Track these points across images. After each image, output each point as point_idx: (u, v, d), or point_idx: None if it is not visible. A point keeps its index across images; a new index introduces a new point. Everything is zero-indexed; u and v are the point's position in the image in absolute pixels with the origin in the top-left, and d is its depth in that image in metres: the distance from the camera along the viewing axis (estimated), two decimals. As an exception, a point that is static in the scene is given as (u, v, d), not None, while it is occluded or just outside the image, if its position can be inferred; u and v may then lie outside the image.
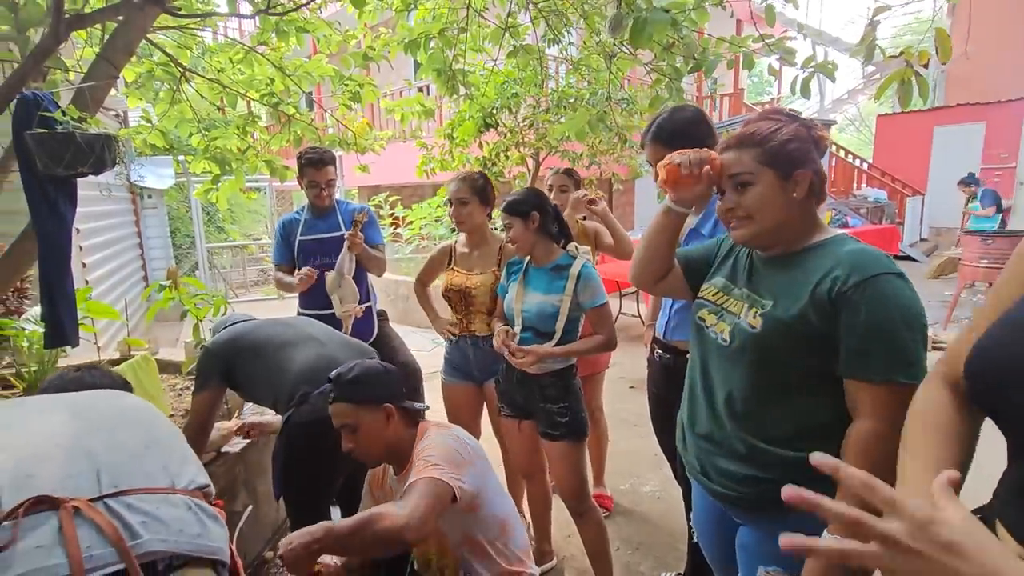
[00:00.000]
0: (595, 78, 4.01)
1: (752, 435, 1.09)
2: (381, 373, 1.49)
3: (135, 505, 0.88)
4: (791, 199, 1.06)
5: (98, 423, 0.99)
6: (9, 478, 0.84)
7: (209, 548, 0.93)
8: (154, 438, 1.02)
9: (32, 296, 2.80)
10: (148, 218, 6.34)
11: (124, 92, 3.10)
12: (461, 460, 1.37)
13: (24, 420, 0.97)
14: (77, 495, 0.85)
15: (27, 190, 1.68)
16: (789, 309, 1.03)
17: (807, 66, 2.16)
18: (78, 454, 0.91)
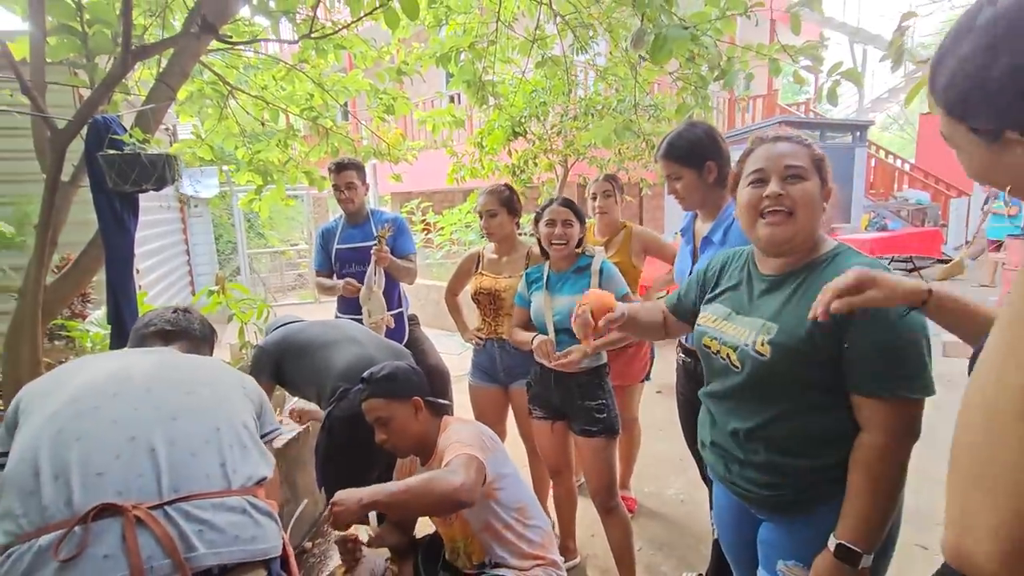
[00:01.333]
0: (622, 86, 4.07)
1: (769, 450, 1.12)
2: (409, 372, 1.63)
3: (192, 513, 0.94)
4: (822, 209, 1.09)
5: (167, 408, 1.04)
6: (81, 476, 0.92)
7: (261, 551, 0.99)
8: (215, 428, 1.06)
9: (95, 300, 3.04)
10: (194, 226, 6.67)
11: (176, 109, 3.31)
12: (484, 446, 1.49)
13: (103, 400, 1.03)
14: (140, 498, 0.92)
15: (96, 204, 1.85)
16: (796, 334, 1.05)
17: (833, 73, 2.17)
18: (142, 450, 0.97)
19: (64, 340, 2.68)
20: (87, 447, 0.96)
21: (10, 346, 1.96)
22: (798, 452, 1.09)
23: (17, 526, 0.88)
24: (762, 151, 1.13)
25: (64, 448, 0.95)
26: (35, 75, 1.87)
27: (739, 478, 1.18)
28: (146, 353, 1.23)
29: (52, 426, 0.98)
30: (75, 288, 2.25)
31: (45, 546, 0.85)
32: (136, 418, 1.01)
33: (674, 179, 1.69)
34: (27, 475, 0.93)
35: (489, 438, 1.56)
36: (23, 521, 0.89)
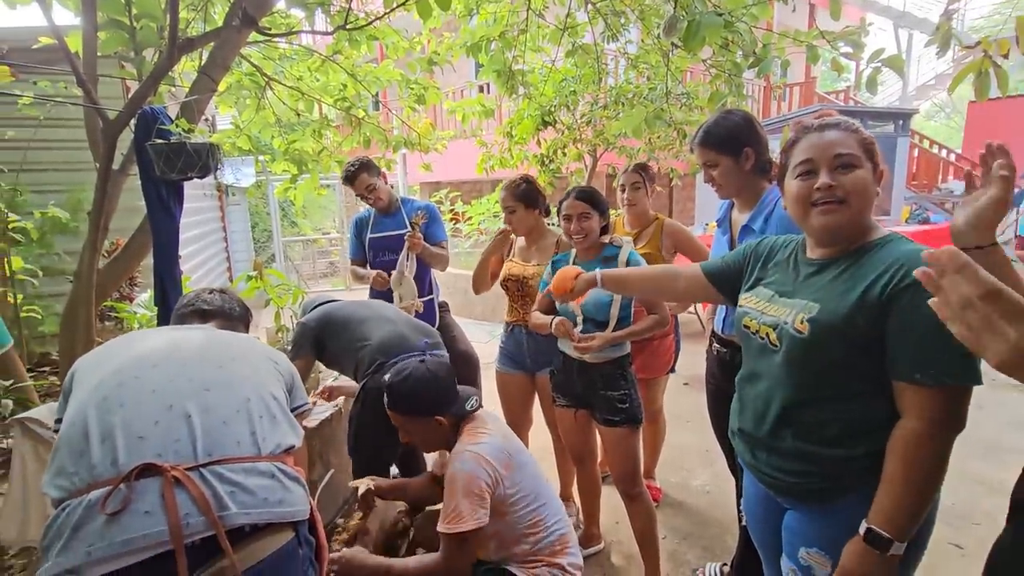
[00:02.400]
0: (654, 74, 4.01)
1: (798, 436, 1.11)
2: (430, 383, 1.54)
3: (225, 475, 1.01)
4: (874, 195, 1.06)
5: (200, 380, 1.12)
6: (124, 439, 1.00)
7: (289, 513, 1.05)
8: (246, 399, 1.13)
9: (142, 284, 3.19)
10: (232, 214, 6.89)
11: (216, 100, 3.42)
12: (483, 488, 1.42)
13: (144, 371, 1.11)
14: (178, 461, 0.99)
15: (144, 192, 1.95)
16: (837, 312, 1.03)
17: (874, 60, 2.10)
18: (178, 417, 1.04)
19: (113, 321, 2.83)
20: (129, 413, 1.03)
21: (66, 325, 2.08)
22: (828, 440, 1.07)
23: (70, 482, 0.97)
24: (809, 140, 1.10)
25: (109, 413, 1.03)
26: (88, 68, 1.97)
27: (765, 465, 1.18)
28: (185, 330, 1.31)
29: (99, 393, 1.06)
30: (124, 272, 2.37)
31: (94, 501, 0.93)
32: (173, 388, 1.08)
33: (711, 167, 1.67)
34: (78, 437, 1.01)
35: (491, 470, 1.45)
36: (75, 478, 0.97)
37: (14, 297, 2.69)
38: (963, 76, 1.77)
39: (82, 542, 0.90)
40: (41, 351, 3.02)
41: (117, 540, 0.90)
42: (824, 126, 1.10)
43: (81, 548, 0.90)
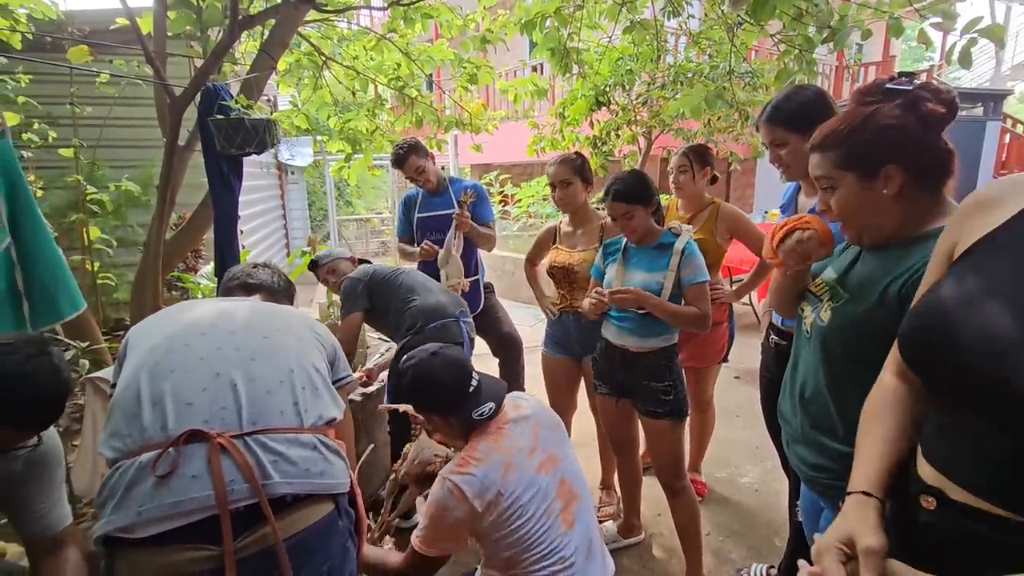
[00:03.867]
0: (717, 51, 3.81)
1: (814, 425, 1.11)
2: (426, 381, 1.39)
3: (268, 445, 1.02)
4: (881, 198, 0.97)
5: (246, 349, 1.14)
6: (174, 404, 1.03)
7: (329, 485, 1.07)
8: (289, 369, 1.14)
9: (206, 256, 3.35)
10: (291, 192, 7.13)
11: (276, 80, 3.51)
12: (452, 525, 1.28)
13: (193, 339, 1.15)
14: (224, 428, 1.01)
15: (207, 166, 2.03)
16: (859, 306, 1.00)
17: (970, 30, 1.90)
18: (225, 385, 1.07)
19: (180, 291, 2.99)
20: (178, 379, 1.06)
21: (136, 293, 2.21)
22: (836, 434, 1.06)
23: (123, 444, 1.01)
24: None
25: (160, 379, 1.06)
26: (158, 47, 2.05)
27: (793, 454, 1.18)
28: (231, 301, 1.35)
29: (150, 359, 1.10)
30: (189, 244, 2.49)
31: (145, 463, 0.97)
32: (220, 356, 1.11)
33: (778, 145, 1.56)
34: (131, 400, 1.05)
35: (464, 508, 1.27)
36: (128, 440, 1.01)
37: (91, 264, 2.88)
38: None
39: (134, 502, 0.94)
40: (116, 316, 3.24)
41: (166, 502, 0.93)
42: (811, 146, 1.05)
43: (133, 508, 0.94)
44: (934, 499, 0.70)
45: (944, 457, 0.71)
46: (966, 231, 0.75)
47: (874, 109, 0.97)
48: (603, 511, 2.38)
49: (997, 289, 0.68)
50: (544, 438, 1.43)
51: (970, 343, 0.68)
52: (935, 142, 0.96)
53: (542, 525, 1.32)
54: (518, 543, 1.30)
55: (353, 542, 1.15)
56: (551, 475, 1.39)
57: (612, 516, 2.35)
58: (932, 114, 0.93)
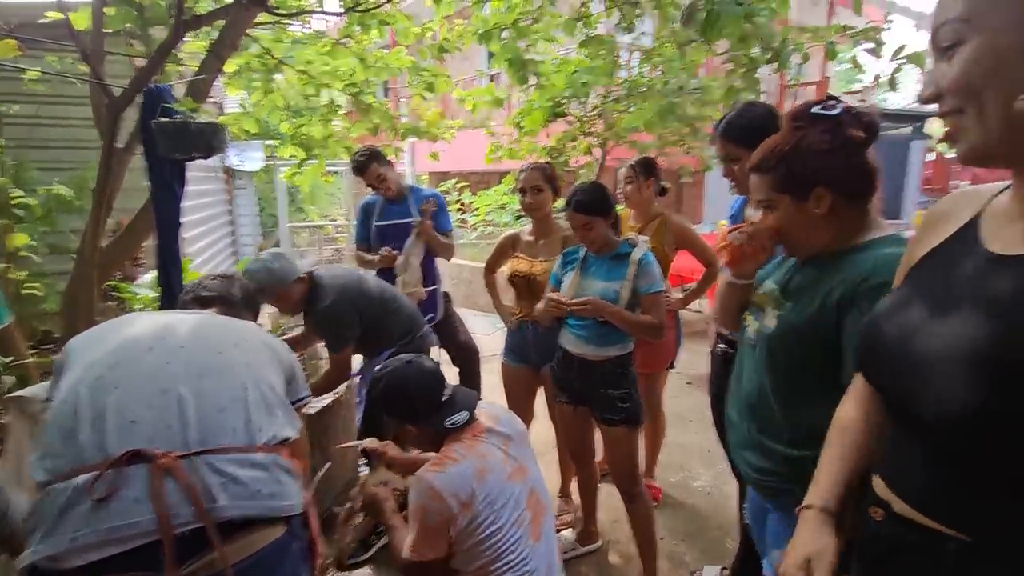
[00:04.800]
0: (668, 67, 3.95)
1: (760, 430, 1.14)
2: (398, 390, 1.40)
3: (217, 465, 0.97)
4: (812, 216, 1.03)
5: (196, 365, 1.08)
6: (115, 422, 0.97)
7: (281, 507, 1.02)
8: (243, 386, 1.09)
9: (144, 264, 3.18)
10: (239, 198, 6.87)
11: (225, 82, 3.39)
12: (436, 524, 1.28)
13: (140, 353, 1.08)
14: (169, 448, 0.96)
15: (149, 171, 1.92)
16: (802, 313, 1.05)
17: (896, 57, 2.05)
18: (172, 402, 1.01)
19: (116, 301, 2.82)
20: (122, 396, 1.00)
21: (67, 304, 2.07)
22: (785, 439, 1.09)
23: (57, 464, 0.94)
24: None
25: (102, 395, 1.00)
26: (95, 44, 1.94)
27: (740, 458, 1.21)
28: (183, 314, 1.28)
29: (92, 373, 1.03)
30: (127, 251, 2.36)
31: (80, 485, 0.90)
32: (168, 372, 1.05)
33: (731, 160, 1.63)
34: (68, 417, 0.98)
35: (441, 506, 1.26)
36: (62, 461, 0.94)
37: (16, 273, 2.68)
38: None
39: (67, 527, 0.88)
40: (43, 328, 3.02)
41: (103, 527, 0.88)
42: (751, 167, 1.11)
43: (66, 534, 0.87)
44: (881, 510, 0.72)
45: (890, 469, 0.74)
46: (919, 246, 0.78)
47: (803, 134, 1.03)
48: (561, 519, 2.39)
49: (921, 304, 0.70)
50: (515, 449, 1.44)
51: (889, 358, 0.70)
52: (859, 163, 1.03)
53: (513, 534, 1.33)
54: (490, 551, 1.30)
55: (306, 565, 1.10)
56: (522, 485, 1.40)
57: (570, 524, 2.36)
58: (854, 138, 1.01)
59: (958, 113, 0.62)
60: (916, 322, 0.69)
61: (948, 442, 0.64)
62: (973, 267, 0.67)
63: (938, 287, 0.70)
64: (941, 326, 0.66)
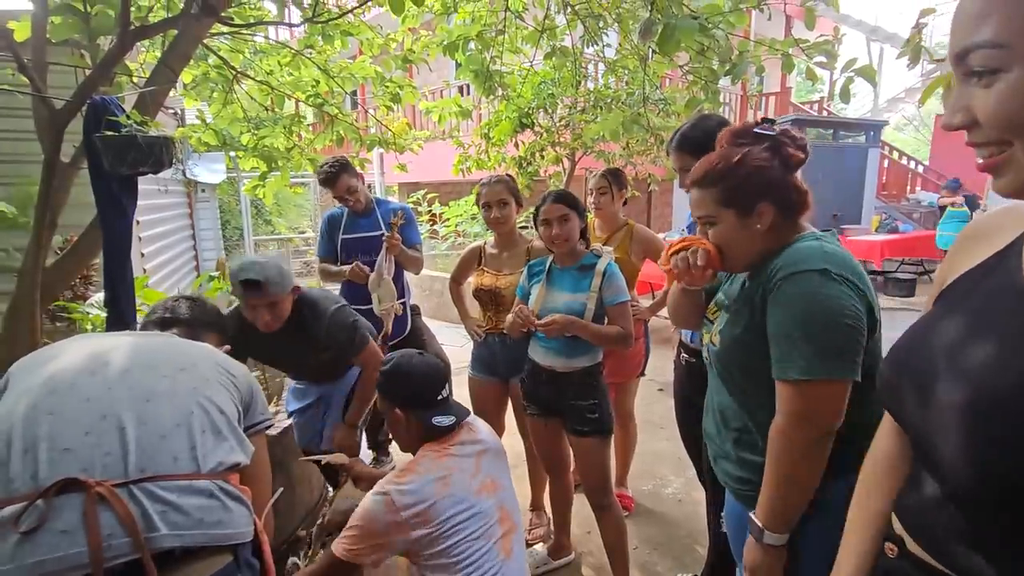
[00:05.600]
0: (632, 79, 4.01)
1: (735, 441, 1.15)
2: (401, 370, 1.43)
3: (157, 493, 0.92)
4: (754, 231, 1.06)
5: (141, 390, 1.03)
6: (48, 451, 0.92)
7: (226, 536, 0.97)
8: (189, 412, 1.04)
9: (96, 283, 3.04)
10: (201, 211, 6.67)
11: (182, 93, 3.29)
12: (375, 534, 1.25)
13: (80, 378, 1.02)
14: (105, 476, 0.91)
15: (94, 187, 1.84)
16: (738, 323, 1.07)
17: (847, 70, 2.11)
18: (112, 429, 0.96)
19: (65, 322, 2.69)
20: (58, 423, 0.95)
21: (8, 326, 1.95)
22: (753, 447, 1.11)
23: None
24: None
25: (35, 422, 0.95)
26: (36, 55, 1.85)
27: (720, 470, 1.23)
28: (132, 336, 1.22)
29: (27, 400, 0.98)
30: (75, 270, 2.24)
31: (7, 517, 0.85)
32: (110, 397, 1.00)
33: (685, 171, 1.65)
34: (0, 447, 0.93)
35: (392, 519, 1.24)
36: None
37: (-45, 295, 2.53)
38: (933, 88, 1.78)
39: None
40: (-14, 352, 2.85)
41: (28, 562, 0.82)
42: (693, 182, 1.12)
43: None
44: (895, 547, 0.69)
45: (907, 508, 0.69)
46: (953, 267, 0.71)
47: (746, 151, 1.05)
48: (533, 533, 2.37)
49: (945, 336, 0.63)
50: (487, 464, 1.44)
51: (908, 393, 0.65)
52: (795, 181, 1.07)
53: (479, 548, 1.30)
54: (453, 562, 1.27)
55: None
56: (491, 499, 1.39)
57: (542, 538, 2.33)
58: (792, 158, 1.05)
59: (1003, 144, 0.58)
60: (938, 357, 0.62)
61: (964, 494, 0.58)
62: (1011, 298, 0.59)
63: (968, 317, 0.63)
64: (966, 364, 0.58)
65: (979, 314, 0.62)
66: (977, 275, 0.65)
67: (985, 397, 0.55)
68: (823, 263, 0.97)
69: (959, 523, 0.59)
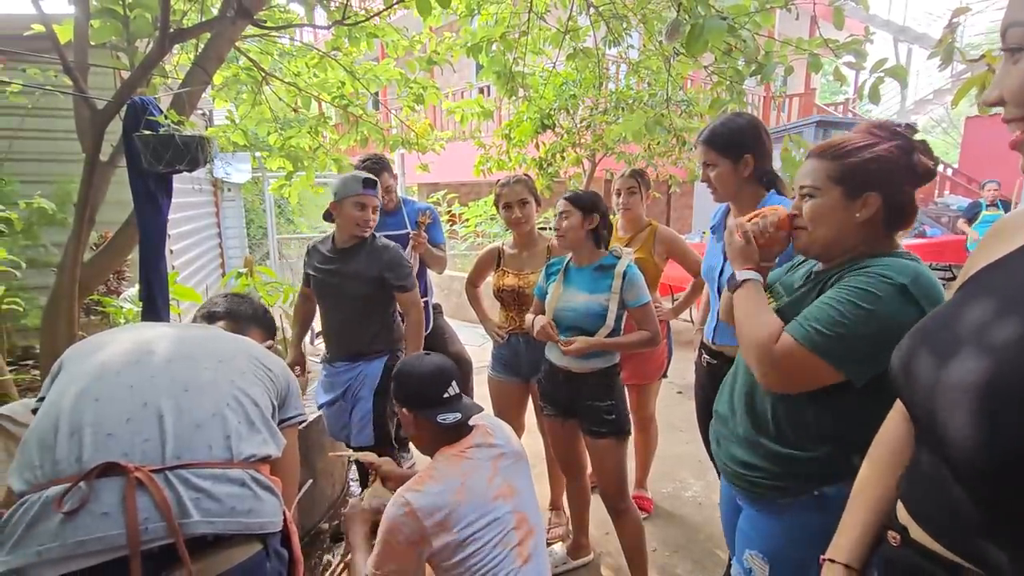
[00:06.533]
0: (655, 79, 3.99)
1: (754, 425, 1.14)
2: (407, 370, 1.45)
3: (192, 480, 0.95)
4: (851, 218, 1.04)
5: (181, 380, 1.07)
6: (92, 435, 0.96)
7: (257, 524, 1.00)
8: (225, 403, 1.08)
9: (129, 278, 3.13)
10: (227, 210, 6.82)
11: (212, 94, 3.38)
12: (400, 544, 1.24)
13: (126, 366, 1.07)
14: (144, 462, 0.95)
15: (132, 184, 1.90)
16: (802, 304, 1.06)
17: (877, 70, 2.08)
18: (151, 416, 1.00)
19: (100, 315, 2.78)
20: (103, 408, 0.99)
21: (47, 319, 2.03)
22: (776, 436, 1.09)
23: (33, 476, 0.93)
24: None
25: (82, 407, 0.99)
26: (78, 57, 1.92)
27: (726, 455, 1.21)
28: (177, 327, 1.27)
29: (76, 385, 1.03)
30: (110, 265, 2.32)
31: (51, 497, 0.89)
32: (152, 386, 1.04)
33: (709, 167, 1.65)
34: (48, 429, 0.97)
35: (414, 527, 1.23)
36: (39, 472, 0.93)
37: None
38: (967, 89, 1.74)
39: (34, 540, 0.86)
40: (24, 344, 2.96)
41: (70, 541, 0.86)
42: (811, 152, 1.12)
43: (32, 547, 0.86)
44: (899, 535, 0.70)
45: (911, 495, 0.70)
46: (981, 256, 0.71)
47: (878, 140, 1.04)
48: (552, 532, 2.37)
49: (968, 319, 0.63)
50: (505, 468, 1.42)
51: (919, 373, 0.66)
52: (911, 192, 1.05)
53: (497, 555, 1.30)
54: (471, 571, 1.26)
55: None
56: (508, 505, 1.37)
57: (561, 537, 2.34)
58: (920, 164, 1.03)
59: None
60: (960, 336, 0.63)
61: (973, 473, 0.58)
62: None
63: (997, 299, 0.62)
64: (992, 342, 0.58)
65: (1010, 296, 0.61)
66: (1011, 262, 0.65)
67: (1009, 372, 0.55)
68: (908, 279, 0.97)
69: (966, 506, 0.60)
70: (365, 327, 2.17)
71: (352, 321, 2.16)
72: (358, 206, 2.06)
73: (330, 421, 2.27)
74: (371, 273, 2.09)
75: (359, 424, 2.15)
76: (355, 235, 2.10)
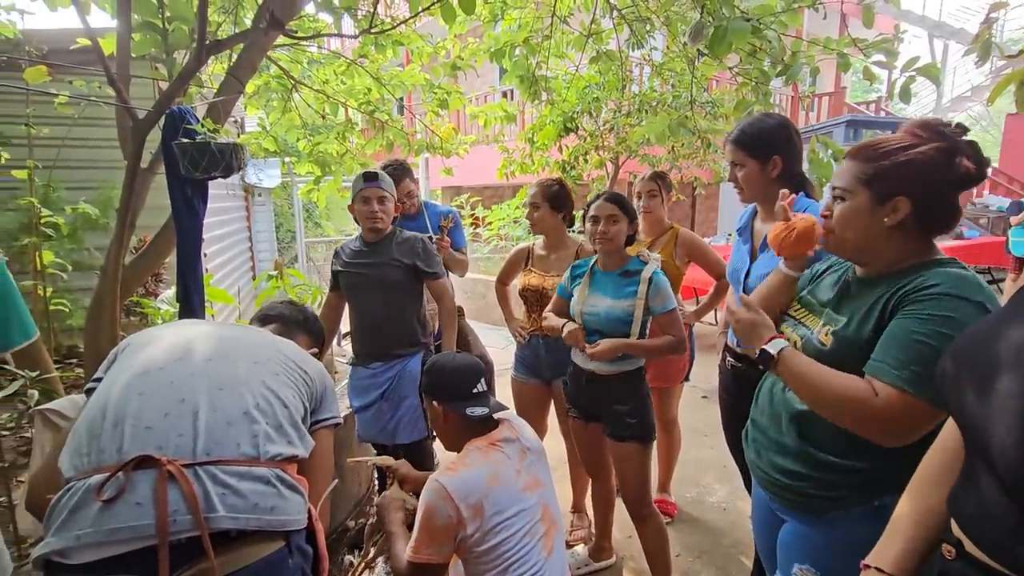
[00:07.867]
0: (679, 81, 3.97)
1: (804, 436, 1.11)
2: (438, 365, 1.51)
3: (219, 476, 0.98)
4: (879, 223, 1.02)
5: (218, 378, 1.11)
6: (133, 427, 1.01)
7: (279, 521, 1.02)
8: (255, 403, 1.11)
9: (166, 280, 3.25)
10: (257, 214, 6.99)
11: (244, 102, 3.48)
12: (440, 527, 1.26)
13: (169, 362, 1.13)
14: (177, 456, 0.99)
15: (170, 190, 1.99)
16: (860, 331, 1.03)
17: (908, 69, 2.04)
18: (187, 412, 1.04)
19: (138, 316, 2.89)
20: (144, 402, 1.04)
21: (91, 319, 2.12)
22: (831, 448, 1.07)
23: (81, 462, 0.99)
24: None
25: (127, 399, 1.04)
26: (121, 68, 2.01)
27: (768, 465, 1.18)
28: (221, 327, 1.32)
29: (124, 377, 1.09)
30: (149, 268, 2.41)
31: (93, 485, 0.94)
32: (190, 383, 1.09)
33: (737, 167, 1.63)
34: (97, 418, 1.03)
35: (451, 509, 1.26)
36: (85, 460, 0.99)
37: (44, 290, 2.76)
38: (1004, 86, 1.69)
39: (75, 525, 0.91)
40: (69, 343, 3.10)
41: (105, 528, 0.91)
42: (848, 152, 1.09)
43: (73, 531, 0.91)
44: (954, 549, 0.69)
45: (962, 509, 0.69)
46: None
47: (915, 141, 1.00)
48: (574, 535, 2.37)
49: (1017, 331, 0.63)
50: (530, 463, 1.45)
51: (967, 382, 0.66)
52: (951, 195, 1.01)
53: (525, 544, 1.32)
54: (501, 559, 1.29)
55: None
56: (534, 496, 1.40)
57: (583, 540, 2.34)
58: (962, 167, 0.97)
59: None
60: (1005, 351, 0.62)
61: (1019, 483, 0.58)
62: None
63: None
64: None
65: None
66: None
67: None
68: (981, 296, 0.95)
69: (1017, 520, 0.59)
70: (400, 324, 2.18)
71: (387, 318, 2.17)
72: (363, 200, 2.13)
73: (366, 425, 2.25)
74: (404, 260, 2.13)
75: (410, 420, 2.16)
76: (371, 228, 2.15)
